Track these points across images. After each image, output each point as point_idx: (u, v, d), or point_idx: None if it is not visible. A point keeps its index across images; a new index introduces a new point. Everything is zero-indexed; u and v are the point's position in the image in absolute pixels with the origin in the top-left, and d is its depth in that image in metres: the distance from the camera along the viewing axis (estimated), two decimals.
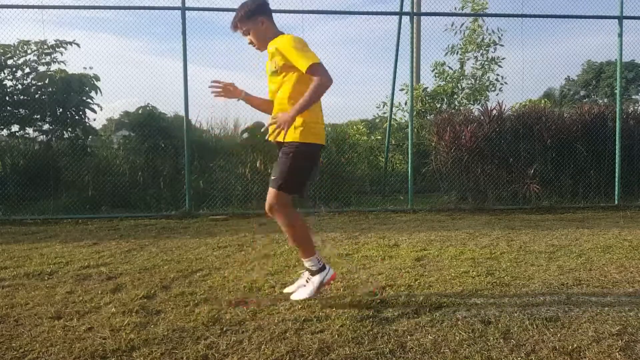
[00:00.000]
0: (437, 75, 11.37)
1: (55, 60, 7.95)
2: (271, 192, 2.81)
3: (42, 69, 7.94)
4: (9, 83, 7.81)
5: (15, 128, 7.98)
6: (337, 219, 6.84)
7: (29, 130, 8.10)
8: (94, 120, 8.26)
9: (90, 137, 8.28)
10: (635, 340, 2.38)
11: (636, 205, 7.73)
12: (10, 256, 4.45)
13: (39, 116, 7.92)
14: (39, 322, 2.69)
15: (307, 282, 2.88)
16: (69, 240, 5.29)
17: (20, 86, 7.90)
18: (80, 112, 8.05)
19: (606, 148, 7.98)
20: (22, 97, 7.87)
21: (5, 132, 8.00)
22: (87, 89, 7.94)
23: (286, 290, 3.09)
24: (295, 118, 2.64)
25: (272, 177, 2.83)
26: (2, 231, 5.92)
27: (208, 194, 7.55)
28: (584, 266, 3.89)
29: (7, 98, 7.70)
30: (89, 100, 8.02)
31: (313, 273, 2.85)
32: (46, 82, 7.78)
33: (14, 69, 7.80)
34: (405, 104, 10.37)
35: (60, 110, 7.91)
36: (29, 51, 7.83)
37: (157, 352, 2.29)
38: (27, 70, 7.89)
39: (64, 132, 8.05)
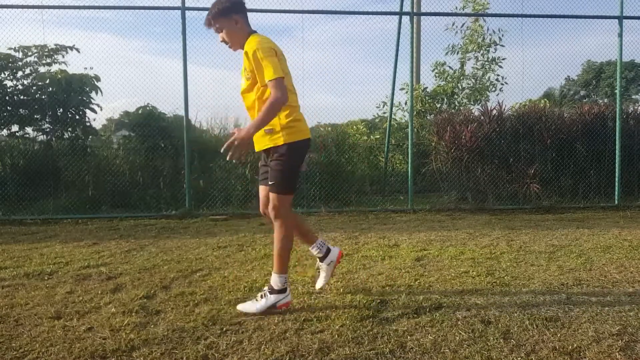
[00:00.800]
0: (437, 75, 11.36)
1: (56, 61, 7.95)
2: (274, 196, 2.78)
3: (42, 70, 7.94)
4: (9, 83, 7.81)
5: (15, 128, 7.98)
6: (337, 219, 6.83)
7: (29, 130, 8.10)
8: (94, 120, 8.28)
9: (90, 137, 8.27)
10: (635, 340, 2.38)
11: (636, 205, 7.72)
12: (10, 256, 4.45)
13: (39, 116, 7.92)
14: (39, 322, 2.70)
15: (261, 297, 2.78)
16: (69, 240, 5.29)
17: (20, 86, 7.90)
18: (81, 112, 8.05)
19: (606, 148, 7.98)
20: (22, 97, 7.86)
21: (5, 132, 7.99)
22: (87, 89, 7.94)
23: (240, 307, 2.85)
24: (252, 136, 2.63)
25: (271, 182, 2.79)
26: (2, 231, 5.92)
27: (208, 193, 7.55)
28: (584, 266, 3.89)
29: (7, 98, 7.70)
30: (89, 100, 8.02)
31: (272, 291, 2.77)
32: (47, 82, 7.78)
33: (14, 70, 7.80)
34: (405, 103, 10.37)
35: (61, 110, 7.91)
36: (29, 53, 7.82)
37: (157, 352, 2.29)
38: (27, 71, 7.89)
39: (64, 132, 8.05)
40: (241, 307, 2.82)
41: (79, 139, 8.06)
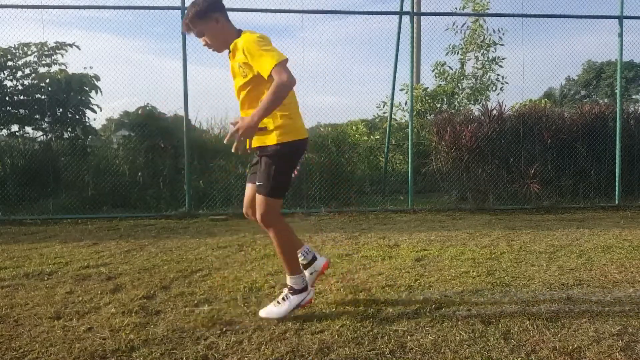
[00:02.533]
0: (437, 75, 11.36)
1: (56, 62, 7.94)
2: (261, 199, 2.59)
3: (42, 70, 7.94)
4: (9, 83, 7.81)
5: (15, 128, 7.98)
6: (337, 219, 6.83)
7: (29, 130, 8.10)
8: (94, 120, 8.28)
9: (90, 137, 8.27)
10: (635, 341, 2.38)
11: (636, 205, 7.72)
12: (10, 256, 4.45)
13: (39, 116, 7.92)
14: (39, 322, 2.69)
15: (283, 300, 2.66)
16: (69, 240, 5.29)
17: (20, 86, 7.89)
18: (80, 112, 8.05)
19: (606, 148, 7.97)
20: (22, 97, 7.86)
21: (5, 132, 7.99)
22: (87, 89, 7.94)
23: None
24: (257, 124, 2.39)
25: (259, 183, 2.60)
26: (2, 231, 5.91)
27: (208, 194, 7.54)
28: (585, 266, 3.88)
29: (7, 98, 7.70)
30: (88, 100, 8.02)
31: (294, 292, 2.65)
32: (46, 82, 7.77)
33: (14, 70, 7.79)
34: (405, 103, 10.36)
35: (60, 110, 7.90)
36: (29, 52, 7.82)
37: (157, 353, 2.28)
38: (27, 71, 7.89)
39: (64, 132, 8.05)
40: (264, 312, 2.66)
41: (78, 139, 8.06)
